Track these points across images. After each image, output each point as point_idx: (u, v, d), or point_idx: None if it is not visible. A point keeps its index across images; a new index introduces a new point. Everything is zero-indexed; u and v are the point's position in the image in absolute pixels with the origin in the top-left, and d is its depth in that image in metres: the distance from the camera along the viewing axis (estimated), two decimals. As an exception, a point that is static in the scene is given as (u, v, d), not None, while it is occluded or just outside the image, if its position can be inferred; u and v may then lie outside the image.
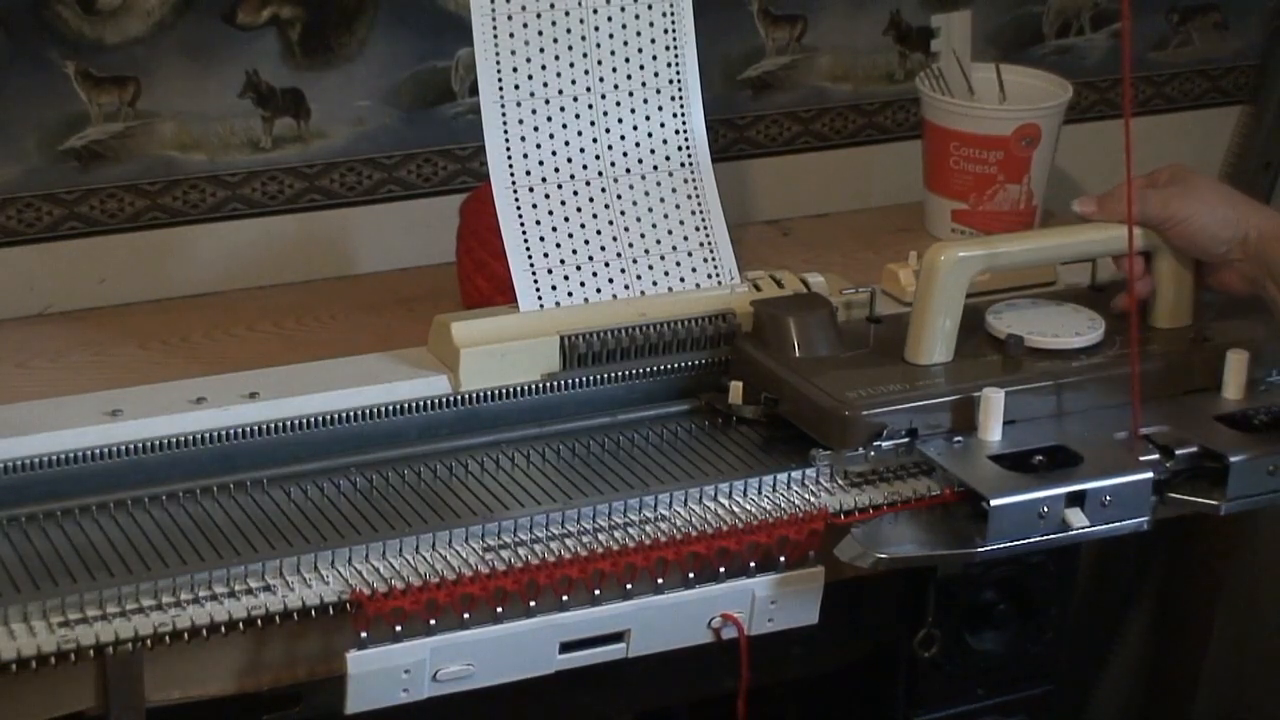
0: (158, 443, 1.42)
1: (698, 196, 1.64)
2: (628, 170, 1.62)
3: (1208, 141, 2.19)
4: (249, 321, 1.69)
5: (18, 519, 1.36)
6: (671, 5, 1.63)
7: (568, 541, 1.36)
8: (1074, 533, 1.41)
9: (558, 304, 1.58)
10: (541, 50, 1.59)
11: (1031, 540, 1.41)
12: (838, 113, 2.00)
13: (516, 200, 1.58)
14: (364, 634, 1.28)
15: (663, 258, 1.62)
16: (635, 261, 1.61)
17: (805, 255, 1.83)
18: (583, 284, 1.59)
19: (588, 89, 1.61)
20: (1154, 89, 2.14)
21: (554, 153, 1.60)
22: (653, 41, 1.63)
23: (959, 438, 1.47)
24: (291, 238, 1.79)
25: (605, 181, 1.62)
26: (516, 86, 1.58)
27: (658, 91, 1.63)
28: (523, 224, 1.58)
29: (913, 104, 1.93)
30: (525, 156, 1.59)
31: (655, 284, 1.61)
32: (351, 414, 1.48)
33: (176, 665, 1.32)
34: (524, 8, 1.58)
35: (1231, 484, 1.46)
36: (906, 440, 1.46)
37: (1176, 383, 1.56)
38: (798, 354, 1.54)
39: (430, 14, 1.79)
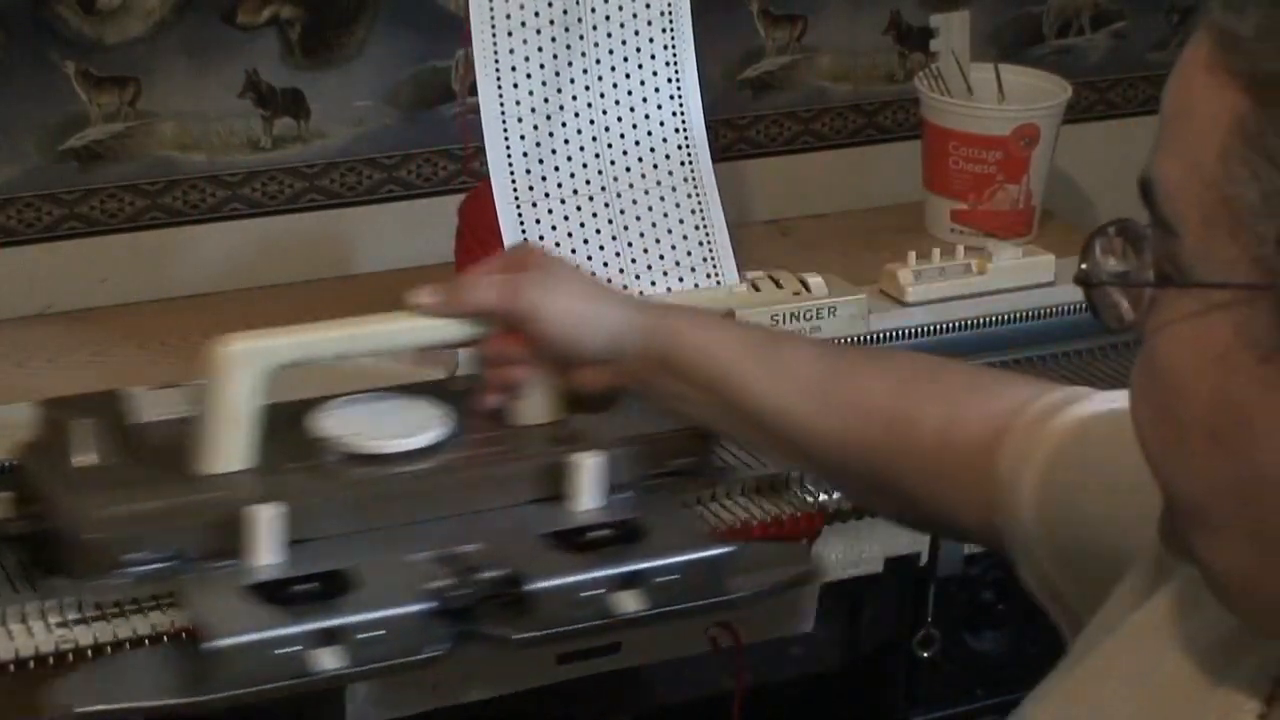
0: (155, 443, 1.40)
1: (698, 197, 1.64)
2: (628, 170, 1.62)
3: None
4: (249, 321, 1.69)
5: (15, 520, 1.34)
6: (670, 6, 1.63)
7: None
8: (321, 675, 1.17)
9: (557, 304, 1.58)
10: (542, 66, 1.58)
11: (275, 685, 1.17)
12: (838, 113, 1.99)
13: (518, 205, 1.58)
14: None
15: (662, 258, 1.62)
16: (635, 262, 1.61)
17: (805, 255, 1.83)
18: (582, 284, 1.59)
19: (587, 89, 1.61)
20: (1154, 89, 2.14)
21: (556, 166, 1.59)
22: (651, 43, 1.63)
23: (227, 563, 1.24)
24: (291, 238, 1.79)
25: (605, 182, 1.62)
26: (518, 102, 1.58)
27: (656, 91, 1.63)
28: (524, 229, 1.58)
29: (913, 104, 1.93)
30: (528, 172, 1.58)
31: (655, 284, 1.61)
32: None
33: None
34: (524, 25, 1.57)
35: (535, 614, 1.22)
36: (164, 565, 1.24)
37: (525, 490, 1.33)
38: (74, 463, 1.29)
39: (430, 14, 1.78)
